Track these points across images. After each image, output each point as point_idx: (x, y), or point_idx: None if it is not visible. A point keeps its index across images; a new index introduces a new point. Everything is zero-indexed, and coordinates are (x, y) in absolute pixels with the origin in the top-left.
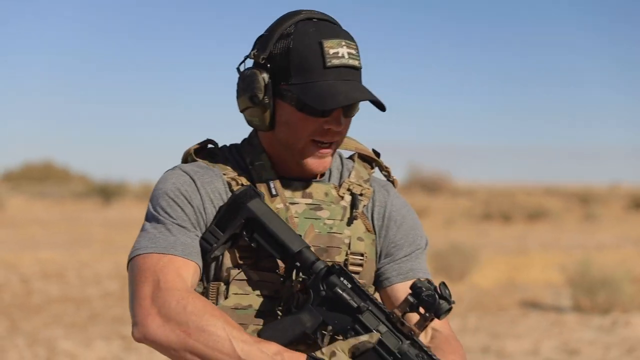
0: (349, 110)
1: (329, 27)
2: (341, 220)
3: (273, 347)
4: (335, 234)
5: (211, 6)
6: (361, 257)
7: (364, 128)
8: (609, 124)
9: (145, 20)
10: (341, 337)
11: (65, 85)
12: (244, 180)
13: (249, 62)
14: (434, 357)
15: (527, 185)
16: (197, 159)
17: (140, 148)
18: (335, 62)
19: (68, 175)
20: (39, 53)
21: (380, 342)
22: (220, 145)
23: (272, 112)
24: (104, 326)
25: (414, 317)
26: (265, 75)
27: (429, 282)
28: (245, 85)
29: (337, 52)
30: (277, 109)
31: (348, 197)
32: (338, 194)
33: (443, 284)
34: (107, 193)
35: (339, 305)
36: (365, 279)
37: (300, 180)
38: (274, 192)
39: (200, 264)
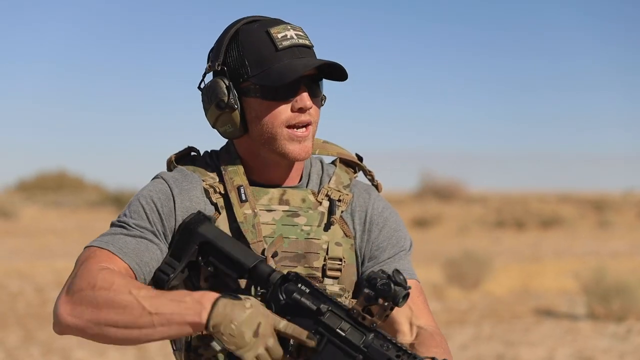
0: (313, 90)
1: (272, 19)
2: (318, 226)
3: (181, 292)
4: (312, 240)
5: (221, 13)
6: (339, 262)
7: (376, 136)
8: (622, 131)
9: (159, 28)
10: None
11: (79, 94)
12: (221, 188)
13: (209, 77)
14: (398, 345)
15: (541, 192)
16: (179, 166)
17: (154, 156)
18: (286, 43)
19: (82, 184)
20: (51, 62)
21: (345, 340)
22: (202, 152)
23: (241, 113)
24: None
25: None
26: (225, 79)
27: (383, 271)
28: (209, 95)
29: (285, 34)
30: (245, 107)
31: (326, 203)
32: (316, 199)
33: (396, 271)
34: (121, 202)
35: (300, 310)
36: (344, 284)
37: (278, 186)
38: (243, 197)
39: (135, 266)
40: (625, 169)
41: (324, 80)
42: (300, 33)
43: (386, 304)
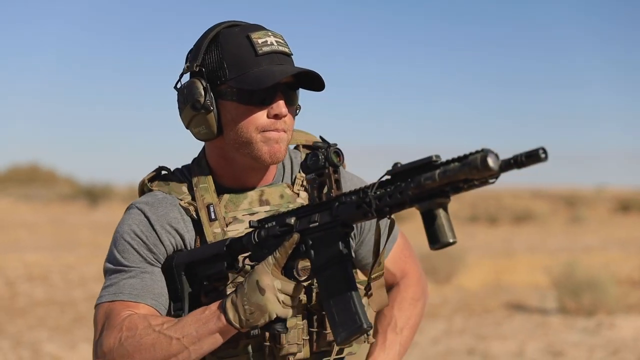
0: (289, 97)
1: (253, 26)
2: None
3: (198, 309)
4: None
5: (197, 9)
6: None
7: (354, 132)
8: (595, 128)
9: (131, 22)
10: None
11: (51, 87)
12: (195, 205)
13: (185, 78)
14: (356, 190)
15: (514, 188)
16: (153, 188)
17: (127, 150)
18: (266, 49)
19: (54, 177)
20: (24, 55)
21: (321, 226)
22: (173, 168)
23: (217, 115)
24: (89, 329)
25: None
26: (203, 81)
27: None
28: (185, 95)
29: (266, 40)
30: (220, 110)
31: (303, 193)
32: (293, 191)
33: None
34: (93, 195)
35: (279, 241)
36: None
37: (254, 188)
38: (212, 216)
39: (152, 302)
40: (598, 166)
41: (300, 90)
42: (281, 40)
43: (327, 171)
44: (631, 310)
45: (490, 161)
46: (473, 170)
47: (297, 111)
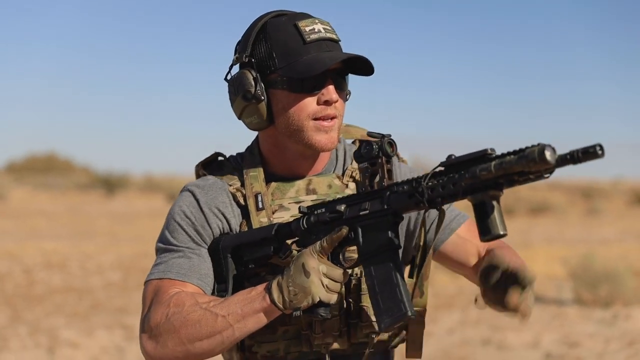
0: (339, 83)
1: (300, 14)
2: None
3: (245, 290)
4: None
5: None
6: None
7: (366, 123)
8: (612, 120)
9: (148, 12)
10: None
11: (69, 76)
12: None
13: (235, 69)
14: (410, 179)
15: None
16: (206, 173)
17: (144, 140)
18: (314, 36)
19: (71, 166)
20: (42, 43)
21: (370, 214)
22: (228, 155)
23: (268, 104)
24: (106, 316)
25: None
26: (253, 71)
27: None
28: (236, 86)
29: (313, 28)
30: (271, 99)
31: (352, 185)
32: (342, 182)
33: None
34: (110, 185)
35: (327, 227)
36: None
37: (304, 177)
38: (260, 205)
39: (198, 282)
40: (615, 158)
41: (350, 75)
42: (328, 27)
43: (379, 160)
44: None
45: (548, 155)
46: (530, 163)
47: (348, 96)
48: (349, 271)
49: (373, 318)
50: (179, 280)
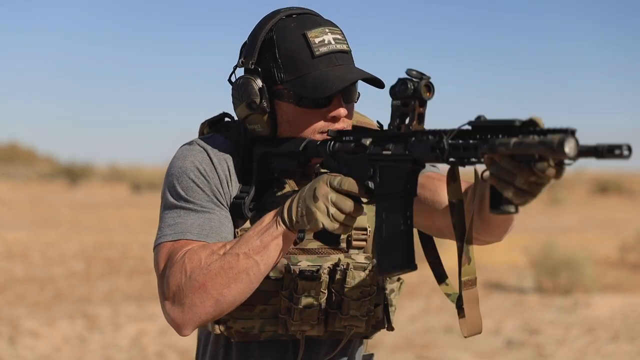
0: (348, 95)
1: (310, 19)
2: None
3: (257, 222)
4: None
5: None
6: (364, 232)
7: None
8: (575, 109)
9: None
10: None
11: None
12: None
13: (240, 72)
14: (435, 130)
15: None
16: (212, 132)
17: (108, 130)
18: (323, 49)
19: (34, 156)
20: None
21: (392, 156)
22: (235, 118)
23: (272, 115)
24: (68, 306)
25: None
26: (259, 80)
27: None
28: (241, 93)
29: (323, 39)
30: (276, 109)
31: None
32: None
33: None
34: (73, 175)
35: (350, 159)
36: (369, 253)
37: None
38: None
39: (217, 241)
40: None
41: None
42: (339, 37)
43: (412, 102)
44: (607, 289)
45: (567, 147)
46: (548, 150)
47: (357, 99)
48: (363, 207)
49: (352, 312)
50: (196, 241)
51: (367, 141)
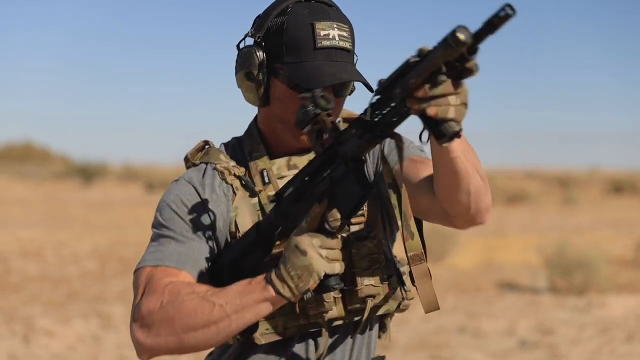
0: (340, 90)
1: (323, 10)
2: None
3: (242, 281)
4: None
5: None
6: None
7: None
8: (589, 110)
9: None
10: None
11: (46, 65)
12: (237, 170)
13: (249, 41)
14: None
15: (508, 169)
16: (196, 163)
17: (122, 129)
18: (325, 43)
19: (48, 155)
20: (19, 33)
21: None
22: (219, 143)
23: (266, 89)
24: (82, 304)
25: None
26: (261, 53)
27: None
28: (242, 62)
29: (328, 33)
30: (270, 85)
31: None
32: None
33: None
34: (87, 174)
35: (302, 206)
36: (369, 226)
37: (289, 154)
38: (266, 180)
39: (192, 270)
40: (591, 147)
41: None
42: (344, 34)
43: (319, 116)
44: (621, 289)
45: (462, 35)
46: (448, 49)
47: (351, 93)
48: (344, 235)
49: (366, 282)
50: (175, 268)
51: (306, 178)
